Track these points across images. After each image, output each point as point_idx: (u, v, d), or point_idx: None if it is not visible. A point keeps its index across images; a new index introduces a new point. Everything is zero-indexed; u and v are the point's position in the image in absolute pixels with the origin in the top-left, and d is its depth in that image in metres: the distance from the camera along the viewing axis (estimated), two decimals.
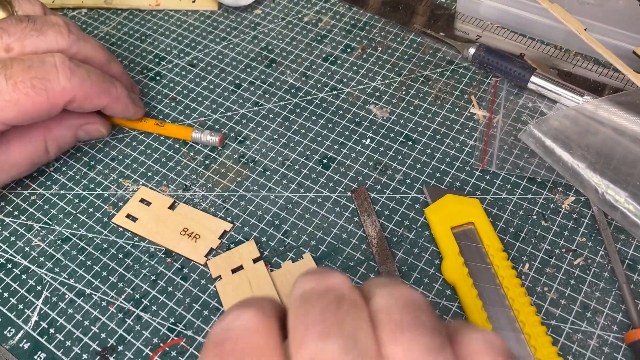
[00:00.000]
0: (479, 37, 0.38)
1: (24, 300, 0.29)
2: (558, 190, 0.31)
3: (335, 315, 0.17)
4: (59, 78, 0.29)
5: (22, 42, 0.29)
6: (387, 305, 0.18)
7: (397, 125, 0.35)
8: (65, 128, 0.32)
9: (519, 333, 0.26)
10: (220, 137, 0.34)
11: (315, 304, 0.17)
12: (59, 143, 0.32)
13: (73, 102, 0.30)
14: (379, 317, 0.18)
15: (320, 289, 0.18)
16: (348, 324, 0.17)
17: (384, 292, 0.18)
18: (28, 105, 0.28)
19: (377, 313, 0.18)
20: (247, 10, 0.42)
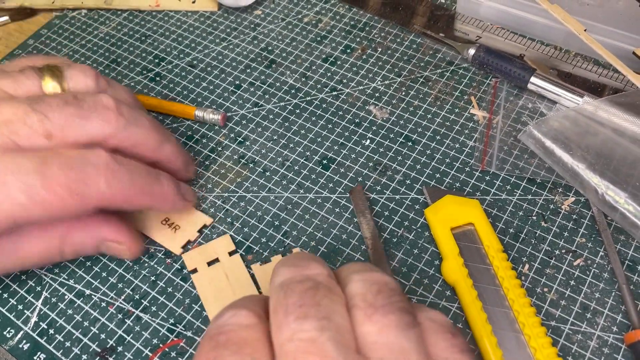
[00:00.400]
0: (479, 38, 0.38)
1: (24, 300, 0.29)
2: (558, 191, 0.31)
3: (312, 299, 0.19)
4: (98, 183, 0.25)
5: (64, 131, 0.26)
6: (362, 290, 0.20)
7: (396, 126, 0.35)
8: (88, 236, 0.28)
9: (519, 334, 0.26)
10: (222, 115, 0.35)
11: (294, 290, 0.19)
12: (77, 249, 0.28)
13: (109, 207, 0.26)
14: (355, 301, 0.19)
15: (298, 277, 0.20)
16: (324, 306, 0.19)
17: (359, 278, 0.20)
18: (58, 206, 0.25)
19: (353, 297, 0.20)
20: (246, 11, 0.42)
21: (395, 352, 0.18)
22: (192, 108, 0.35)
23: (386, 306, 0.19)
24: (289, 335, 0.18)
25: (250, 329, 0.19)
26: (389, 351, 0.18)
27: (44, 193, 0.24)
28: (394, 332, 0.18)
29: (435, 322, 0.20)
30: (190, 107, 0.36)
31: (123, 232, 0.29)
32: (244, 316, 0.20)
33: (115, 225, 0.28)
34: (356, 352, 0.18)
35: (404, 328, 0.19)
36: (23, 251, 0.27)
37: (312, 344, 0.18)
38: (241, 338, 0.19)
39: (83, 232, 0.28)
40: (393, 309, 0.19)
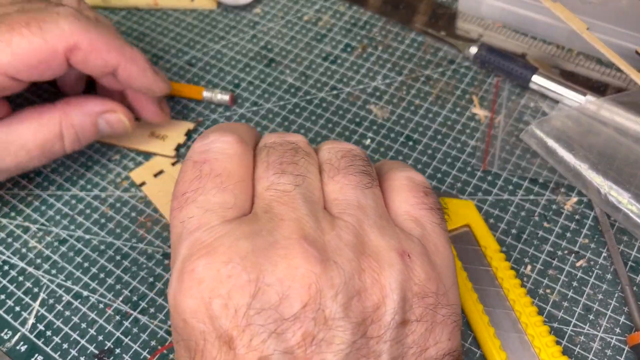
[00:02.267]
0: (481, 37, 0.38)
1: (21, 302, 0.29)
2: (560, 191, 0.31)
3: (291, 158, 0.21)
4: (58, 20, 0.26)
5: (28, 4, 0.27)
6: (329, 155, 0.22)
7: (397, 126, 0.34)
8: (84, 114, 0.29)
9: (522, 334, 0.26)
10: (231, 96, 0.35)
11: (276, 150, 0.21)
12: (77, 131, 0.29)
13: (77, 52, 0.27)
14: (323, 166, 0.22)
15: (280, 141, 0.22)
16: (300, 165, 0.21)
17: (329, 147, 0.23)
18: (23, 46, 0.25)
19: (322, 163, 0.22)
20: (246, 9, 0.41)
21: (353, 207, 0.20)
22: (200, 88, 0.36)
23: (348, 168, 0.21)
24: (267, 185, 0.20)
25: (234, 160, 0.21)
26: (347, 206, 0.20)
27: (4, 31, 0.25)
28: (353, 191, 0.21)
29: (412, 180, 0.22)
30: (198, 88, 0.36)
31: (115, 103, 0.30)
32: (229, 142, 0.21)
33: (109, 100, 0.30)
34: (322, 207, 0.20)
35: (362, 187, 0.21)
36: (25, 137, 0.28)
37: (286, 194, 0.20)
38: (225, 170, 0.20)
39: (79, 111, 0.29)
40: (354, 170, 0.21)
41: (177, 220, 0.20)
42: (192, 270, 0.18)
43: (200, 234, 0.19)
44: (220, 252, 0.18)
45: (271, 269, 0.18)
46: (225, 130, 0.22)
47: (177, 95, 0.37)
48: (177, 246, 0.20)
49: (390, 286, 0.18)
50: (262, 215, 0.19)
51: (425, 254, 0.20)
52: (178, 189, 0.21)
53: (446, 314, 0.20)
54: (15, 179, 0.33)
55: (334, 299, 0.18)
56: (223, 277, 0.18)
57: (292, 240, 0.18)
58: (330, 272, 0.18)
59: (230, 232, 0.19)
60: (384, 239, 0.20)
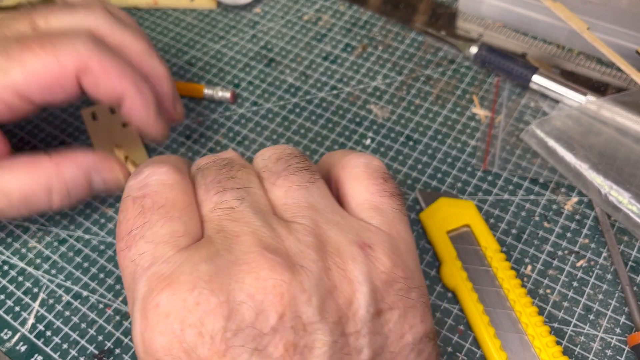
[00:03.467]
0: (481, 36, 0.38)
1: (21, 302, 0.29)
2: (560, 191, 0.31)
3: (228, 174, 0.21)
4: (73, 42, 0.25)
5: (48, 19, 0.26)
6: (264, 162, 0.22)
7: (397, 126, 0.34)
8: (77, 167, 0.27)
9: (522, 334, 0.26)
10: (232, 92, 0.35)
11: (211, 169, 0.21)
12: (69, 186, 0.27)
13: (88, 75, 0.26)
14: (261, 174, 0.21)
15: (213, 159, 0.22)
16: (240, 178, 0.20)
17: (260, 154, 0.22)
18: (36, 65, 0.25)
19: (259, 171, 0.21)
20: (246, 8, 0.41)
21: (303, 208, 0.20)
22: (201, 86, 0.36)
23: (287, 169, 0.21)
24: (212, 207, 0.20)
25: (175, 189, 0.20)
26: (297, 208, 0.20)
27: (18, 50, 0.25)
28: (298, 192, 0.20)
29: (370, 167, 0.22)
30: (199, 85, 0.36)
31: (107, 157, 0.28)
32: (165, 173, 0.21)
33: (104, 156, 0.28)
34: (273, 214, 0.20)
35: (306, 185, 0.20)
36: (7, 187, 0.26)
37: (233, 211, 0.19)
38: (168, 200, 0.20)
39: (73, 165, 0.27)
40: (293, 170, 0.21)
41: (127, 260, 0.19)
42: (156, 306, 0.17)
43: (157, 268, 0.18)
44: (183, 281, 0.17)
45: (239, 287, 0.17)
46: (158, 163, 0.21)
47: (178, 94, 0.36)
48: (133, 286, 0.19)
49: (358, 279, 0.18)
50: (216, 236, 0.19)
51: (387, 241, 0.20)
52: (122, 228, 0.20)
53: (415, 296, 0.19)
54: None
55: (309, 303, 0.17)
56: (191, 305, 0.17)
57: (253, 253, 0.18)
58: (299, 276, 0.18)
59: (188, 259, 0.18)
60: (342, 234, 0.19)
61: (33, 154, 0.27)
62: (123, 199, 0.21)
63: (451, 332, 0.27)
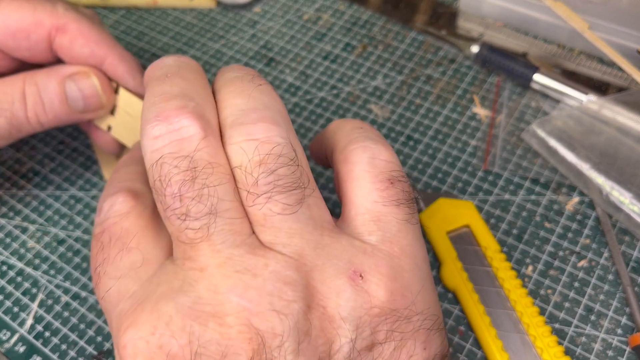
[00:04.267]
0: (482, 36, 0.38)
1: (20, 303, 0.29)
2: (561, 191, 0.31)
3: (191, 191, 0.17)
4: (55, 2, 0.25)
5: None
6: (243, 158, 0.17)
7: (398, 125, 0.34)
8: (50, 74, 0.26)
9: (523, 335, 0.25)
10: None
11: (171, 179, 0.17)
12: (41, 91, 0.25)
13: (63, 35, 0.25)
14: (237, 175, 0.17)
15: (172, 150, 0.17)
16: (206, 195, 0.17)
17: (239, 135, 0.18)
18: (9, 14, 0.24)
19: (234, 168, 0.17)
20: (245, 8, 0.41)
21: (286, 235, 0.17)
22: None
23: (269, 185, 0.17)
24: (175, 231, 0.17)
25: (130, 216, 0.19)
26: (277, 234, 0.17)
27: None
28: (280, 217, 0.17)
29: (375, 166, 0.19)
30: None
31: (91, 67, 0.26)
32: (121, 203, 0.20)
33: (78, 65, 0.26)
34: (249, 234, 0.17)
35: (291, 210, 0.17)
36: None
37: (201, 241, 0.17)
38: (124, 230, 0.19)
39: (45, 71, 0.26)
40: (277, 189, 0.17)
41: (99, 298, 0.20)
42: (123, 347, 0.17)
43: (122, 305, 0.18)
44: (143, 321, 0.17)
45: (202, 330, 0.16)
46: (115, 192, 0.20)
47: None
48: (109, 322, 0.19)
49: (341, 316, 0.17)
50: (182, 263, 0.17)
51: (385, 265, 0.18)
52: (91, 267, 0.20)
53: (417, 323, 0.18)
54: (14, 179, 0.33)
55: (281, 349, 0.16)
56: (154, 348, 0.16)
57: (219, 294, 0.16)
58: (269, 323, 0.16)
59: (149, 295, 0.17)
60: (330, 263, 0.17)
61: None
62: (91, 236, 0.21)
63: (452, 332, 0.27)
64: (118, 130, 0.28)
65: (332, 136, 0.21)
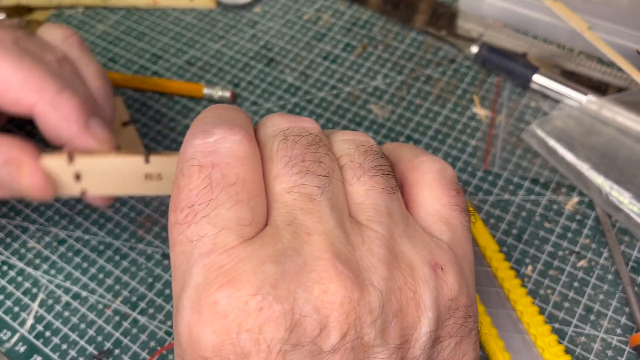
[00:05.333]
0: (482, 36, 0.38)
1: (20, 302, 0.29)
2: (561, 191, 0.31)
3: (314, 154, 0.18)
4: None
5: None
6: (350, 150, 0.19)
7: (397, 126, 0.34)
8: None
9: (524, 334, 0.25)
10: (231, 92, 0.35)
11: (297, 142, 0.18)
12: None
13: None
14: (343, 160, 0.19)
15: (297, 130, 0.19)
16: (325, 164, 0.18)
17: (345, 137, 0.20)
18: None
19: (342, 157, 0.19)
20: (245, 8, 0.41)
21: (382, 214, 0.18)
22: (200, 86, 0.36)
23: (373, 169, 0.19)
24: (289, 187, 0.18)
25: (246, 164, 0.18)
26: (375, 212, 0.18)
27: None
28: (380, 195, 0.19)
29: (444, 176, 0.20)
30: (198, 85, 0.36)
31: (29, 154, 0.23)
32: (238, 142, 0.18)
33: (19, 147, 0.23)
34: (348, 215, 0.18)
35: (389, 191, 0.19)
36: None
37: (311, 201, 0.17)
38: (239, 178, 0.17)
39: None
40: (380, 171, 0.19)
41: (183, 237, 0.17)
42: (214, 303, 0.16)
43: (217, 258, 0.16)
44: (246, 281, 0.16)
45: (306, 297, 0.16)
46: (231, 125, 0.18)
47: (177, 93, 0.36)
48: (187, 269, 0.17)
49: (425, 304, 0.17)
50: (285, 229, 0.17)
51: (456, 263, 0.19)
52: (182, 197, 0.17)
53: (471, 325, 0.19)
54: None
55: (373, 325, 0.16)
56: (252, 310, 0.15)
57: (324, 260, 0.16)
58: (368, 296, 0.16)
59: (252, 255, 0.16)
60: (416, 250, 0.18)
61: None
62: (186, 159, 0.18)
63: None
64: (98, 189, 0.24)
65: (394, 153, 0.22)
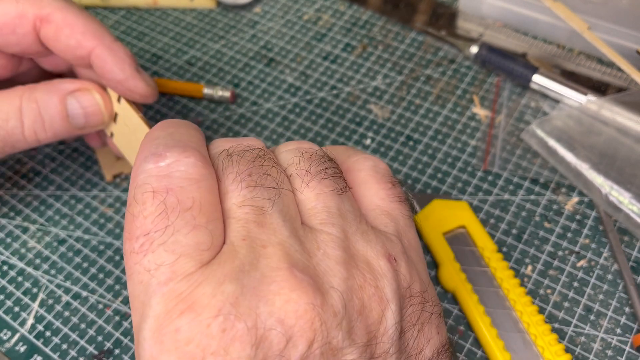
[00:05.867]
0: (481, 36, 0.38)
1: (20, 302, 0.29)
2: (561, 191, 0.31)
3: (260, 168, 0.19)
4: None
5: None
6: (295, 159, 0.20)
7: (397, 126, 0.34)
8: (51, 90, 0.25)
9: (524, 334, 0.25)
10: (231, 92, 0.35)
11: (243, 157, 0.19)
12: (41, 108, 0.25)
13: (48, 25, 0.24)
14: (290, 170, 0.20)
15: (241, 147, 0.19)
16: (273, 177, 0.19)
17: (290, 149, 0.20)
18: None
19: (288, 166, 0.20)
20: (245, 8, 0.41)
21: (334, 216, 0.19)
22: (201, 86, 0.36)
23: (320, 172, 0.19)
24: (240, 202, 0.18)
25: (201, 186, 0.17)
26: (328, 215, 0.19)
27: None
28: (330, 197, 0.19)
29: (377, 171, 0.21)
30: (198, 85, 0.36)
31: (91, 82, 0.26)
32: (192, 165, 0.18)
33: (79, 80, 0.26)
34: (301, 223, 0.18)
35: (339, 192, 0.19)
36: None
37: (263, 214, 0.18)
38: (195, 202, 0.17)
39: (46, 86, 0.25)
40: (327, 174, 0.19)
41: (140, 266, 0.16)
42: (175, 330, 0.15)
43: (176, 285, 0.16)
44: (206, 304, 0.15)
45: (268, 310, 0.16)
46: (184, 147, 0.18)
47: (177, 93, 0.36)
48: (145, 299, 0.16)
49: (387, 297, 0.17)
50: (240, 244, 0.17)
51: (404, 252, 0.19)
52: (137, 225, 0.17)
53: (430, 309, 0.19)
54: (15, 179, 0.33)
55: (339, 328, 0.16)
56: (215, 333, 0.15)
57: (282, 270, 0.16)
58: (330, 299, 0.16)
59: (210, 277, 0.16)
60: (370, 246, 0.18)
61: None
62: (139, 185, 0.17)
63: (451, 332, 0.27)
64: (118, 138, 0.28)
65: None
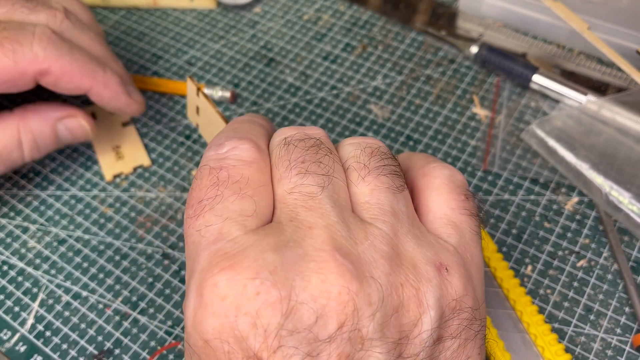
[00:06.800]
0: (481, 36, 0.38)
1: (20, 302, 0.29)
2: (561, 191, 0.31)
3: (314, 156, 0.19)
4: (32, 44, 0.26)
5: (10, 16, 0.27)
6: (356, 152, 0.20)
7: (397, 126, 0.34)
8: (42, 120, 0.29)
9: (524, 334, 0.26)
10: (231, 92, 0.35)
11: (297, 147, 0.20)
12: (36, 137, 0.29)
13: (47, 76, 0.27)
14: (349, 162, 0.20)
15: (300, 135, 0.20)
16: (325, 164, 0.19)
17: (352, 141, 0.21)
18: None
19: (348, 159, 0.20)
20: (245, 8, 0.41)
21: (386, 213, 0.19)
22: (201, 86, 0.36)
23: (379, 168, 0.20)
24: (290, 188, 0.19)
25: (252, 166, 0.19)
26: (380, 211, 0.19)
27: None
28: (385, 194, 0.19)
29: (453, 181, 0.21)
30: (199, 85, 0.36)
31: (75, 108, 0.30)
32: (246, 150, 0.20)
33: (68, 106, 0.30)
34: (351, 211, 0.19)
35: (394, 191, 0.19)
36: None
37: (312, 199, 0.18)
38: (244, 177, 0.19)
39: (37, 117, 0.29)
40: (385, 171, 0.20)
41: (193, 228, 0.19)
42: (214, 285, 0.17)
43: (222, 245, 0.17)
44: (246, 266, 0.17)
45: (304, 285, 0.16)
46: (240, 138, 0.20)
47: (177, 93, 0.36)
48: (195, 256, 0.18)
49: (428, 302, 0.17)
50: (287, 224, 0.18)
51: (462, 265, 0.19)
52: (194, 196, 0.19)
53: (477, 328, 0.19)
54: (15, 179, 0.33)
55: (372, 318, 0.16)
56: (250, 294, 0.16)
57: (324, 252, 0.17)
58: (368, 288, 0.17)
59: (255, 244, 0.17)
60: (420, 250, 0.18)
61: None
62: (200, 166, 0.20)
63: None
64: (203, 129, 0.30)
65: (405, 161, 0.23)
